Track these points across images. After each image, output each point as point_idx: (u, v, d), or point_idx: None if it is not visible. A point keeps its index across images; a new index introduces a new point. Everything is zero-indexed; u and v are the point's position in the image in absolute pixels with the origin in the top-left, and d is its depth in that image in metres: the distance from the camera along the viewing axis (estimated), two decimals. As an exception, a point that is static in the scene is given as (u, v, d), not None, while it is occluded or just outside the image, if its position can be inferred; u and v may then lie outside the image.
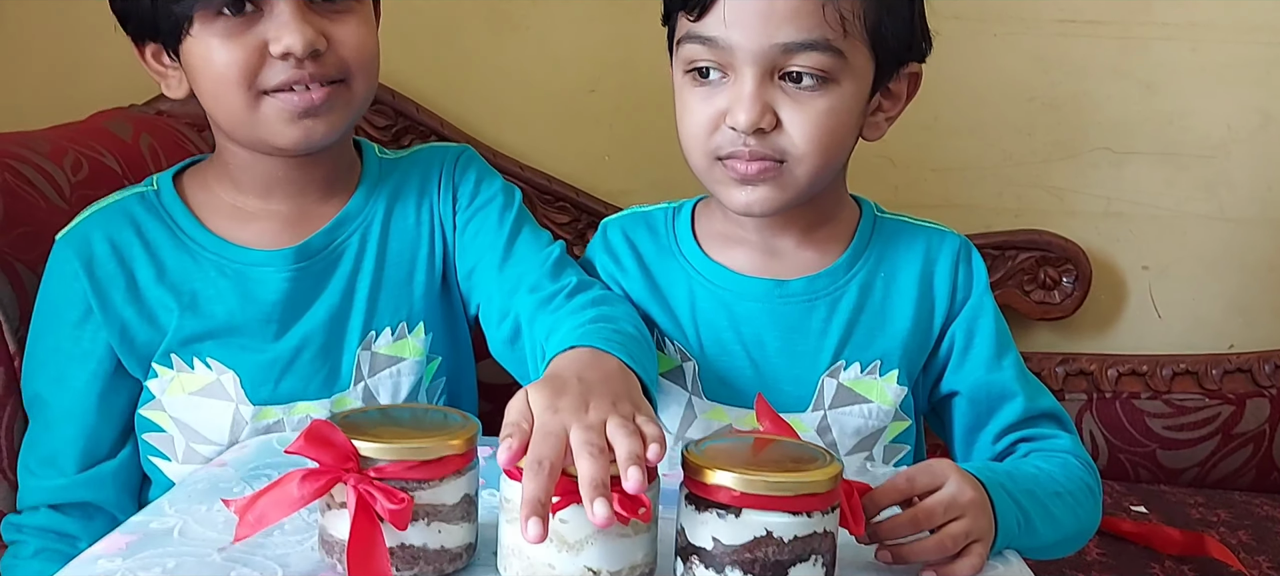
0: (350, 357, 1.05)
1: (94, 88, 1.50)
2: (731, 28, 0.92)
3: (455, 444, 0.74)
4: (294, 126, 0.98)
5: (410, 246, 1.09)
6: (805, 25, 0.92)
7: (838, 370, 1.03)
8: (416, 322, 1.08)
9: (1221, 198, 1.70)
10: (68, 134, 1.29)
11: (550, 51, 1.69)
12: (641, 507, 0.70)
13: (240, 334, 1.03)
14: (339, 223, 1.06)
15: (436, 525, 0.74)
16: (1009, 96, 1.69)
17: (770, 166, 0.95)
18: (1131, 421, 1.69)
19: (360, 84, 1.01)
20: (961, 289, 1.04)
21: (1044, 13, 1.66)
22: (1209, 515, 1.56)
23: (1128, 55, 1.67)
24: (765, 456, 0.75)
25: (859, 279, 1.04)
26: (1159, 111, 1.68)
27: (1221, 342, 1.73)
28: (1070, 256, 1.69)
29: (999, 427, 1.03)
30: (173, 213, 1.05)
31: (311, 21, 0.96)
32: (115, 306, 1.02)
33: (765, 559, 0.70)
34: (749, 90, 0.93)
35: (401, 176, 1.11)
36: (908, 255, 1.05)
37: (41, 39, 1.68)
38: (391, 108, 1.66)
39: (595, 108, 1.71)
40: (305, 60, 0.95)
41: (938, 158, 1.69)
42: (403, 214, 1.09)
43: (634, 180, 1.71)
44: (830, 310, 1.03)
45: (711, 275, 1.05)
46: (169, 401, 1.03)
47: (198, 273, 1.03)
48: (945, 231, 1.07)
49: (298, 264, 1.04)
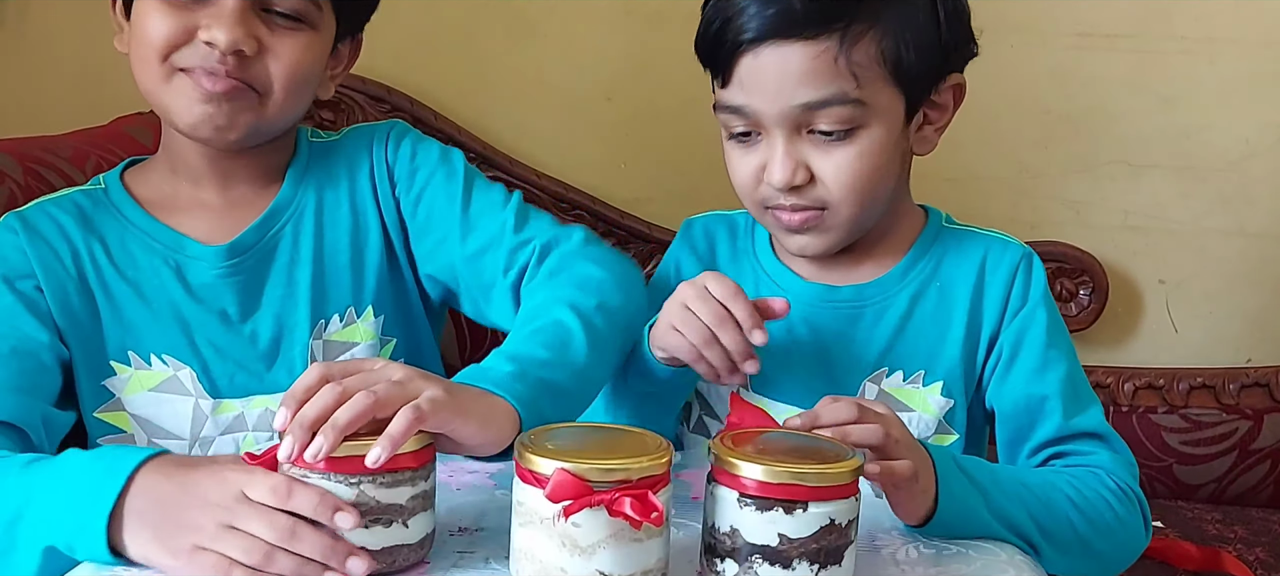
0: (302, 348, 1.05)
1: (116, 93, 1.51)
2: (752, 95, 0.96)
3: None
4: (196, 109, 0.99)
5: (349, 231, 1.08)
6: (820, 83, 0.95)
7: (880, 376, 1.04)
8: (365, 306, 1.08)
9: (1239, 212, 1.69)
10: (89, 138, 1.31)
11: (568, 58, 1.70)
12: (654, 512, 0.70)
13: (189, 327, 1.03)
14: (268, 216, 1.06)
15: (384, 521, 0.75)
16: (1026, 109, 1.69)
17: (813, 215, 1.00)
18: (1148, 436, 1.68)
19: (278, 101, 1.01)
20: (1016, 299, 1.04)
21: (1061, 25, 1.66)
22: (1226, 531, 1.55)
23: (1145, 68, 1.66)
24: (790, 449, 0.77)
25: (912, 288, 1.05)
26: (1177, 125, 1.68)
27: (1239, 357, 1.72)
28: (1087, 269, 1.69)
29: (1035, 443, 1.01)
30: (119, 204, 1.05)
31: (249, 24, 0.97)
32: (59, 279, 1.00)
33: (828, 546, 0.74)
34: (779, 151, 0.97)
35: (331, 161, 1.11)
36: (965, 264, 1.05)
37: (65, 45, 1.70)
38: (409, 114, 1.67)
39: (612, 115, 1.71)
40: (228, 55, 0.96)
41: (954, 169, 1.69)
42: (335, 200, 1.09)
43: (650, 188, 1.71)
44: (878, 317, 1.05)
45: (776, 276, 1.09)
46: (129, 399, 1.02)
47: (142, 260, 1.03)
48: (1009, 241, 1.07)
49: (230, 260, 1.04)
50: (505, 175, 1.69)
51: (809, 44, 0.94)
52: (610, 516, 0.71)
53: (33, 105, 1.69)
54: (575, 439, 0.76)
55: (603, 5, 1.68)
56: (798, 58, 0.94)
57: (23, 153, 1.21)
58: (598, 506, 0.70)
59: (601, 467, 0.71)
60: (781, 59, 0.94)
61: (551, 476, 0.70)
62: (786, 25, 0.94)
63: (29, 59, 1.71)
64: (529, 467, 0.72)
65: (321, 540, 0.73)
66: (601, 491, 0.70)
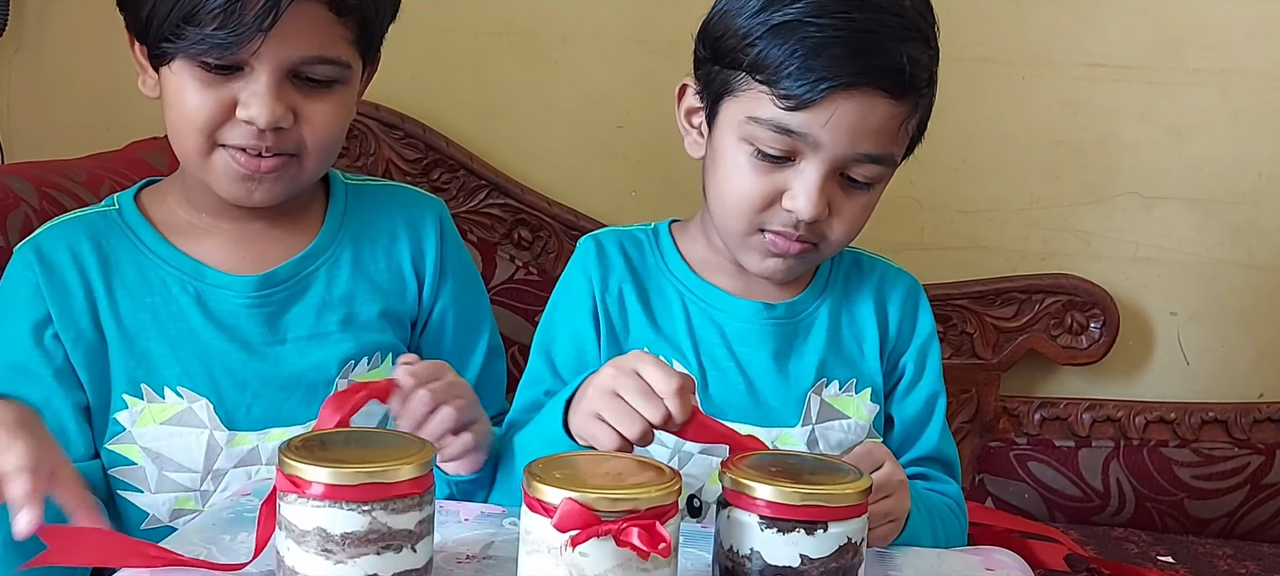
0: (327, 385, 1.04)
1: (131, 118, 1.53)
2: (824, 130, 0.96)
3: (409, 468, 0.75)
4: (237, 185, 1.00)
5: (384, 289, 1.09)
6: (885, 142, 0.98)
7: (821, 387, 1.07)
8: (388, 353, 1.08)
9: (1251, 244, 1.69)
10: (104, 163, 1.32)
11: (580, 87, 1.71)
12: (662, 542, 0.70)
13: (206, 357, 1.02)
14: (306, 256, 1.07)
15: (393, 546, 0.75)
16: (1037, 140, 1.69)
17: (808, 248, 1.02)
18: (1159, 470, 1.67)
19: (313, 162, 1.02)
20: (922, 324, 1.12)
21: (1073, 56, 1.66)
22: (1237, 567, 1.53)
23: (1157, 100, 1.66)
24: (797, 470, 0.79)
25: (828, 303, 1.10)
26: (1188, 157, 1.67)
27: (1251, 391, 1.71)
28: (1098, 301, 1.68)
29: (913, 457, 1.10)
30: (134, 227, 1.05)
31: (285, 97, 0.97)
32: (73, 315, 1.00)
33: (845, 565, 0.76)
34: (815, 186, 0.98)
35: (371, 214, 1.11)
36: (865, 282, 1.12)
37: (81, 70, 1.71)
38: (422, 141, 1.68)
39: (623, 143, 1.72)
40: (266, 131, 0.97)
41: (965, 200, 1.69)
42: (373, 255, 1.10)
43: (660, 216, 1.69)
44: (808, 331, 1.08)
45: (703, 294, 1.08)
46: (140, 432, 1.01)
47: (158, 287, 1.03)
48: (899, 270, 1.14)
49: (261, 291, 1.04)
50: (516, 202, 1.69)
51: (894, 104, 0.97)
52: (618, 546, 0.70)
53: (48, 129, 1.70)
54: (583, 468, 0.76)
55: (615, 34, 1.69)
56: (881, 113, 0.97)
57: (38, 177, 1.22)
58: (605, 536, 0.70)
59: (610, 497, 0.70)
60: (869, 110, 0.96)
61: (559, 505, 0.70)
62: (889, 82, 0.96)
63: (45, 83, 1.72)
64: (537, 496, 0.72)
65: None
66: (609, 521, 0.70)
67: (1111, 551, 1.54)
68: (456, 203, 1.68)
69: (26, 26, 1.71)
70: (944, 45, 1.02)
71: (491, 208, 1.70)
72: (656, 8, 1.67)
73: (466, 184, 1.69)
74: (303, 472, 0.73)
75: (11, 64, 1.72)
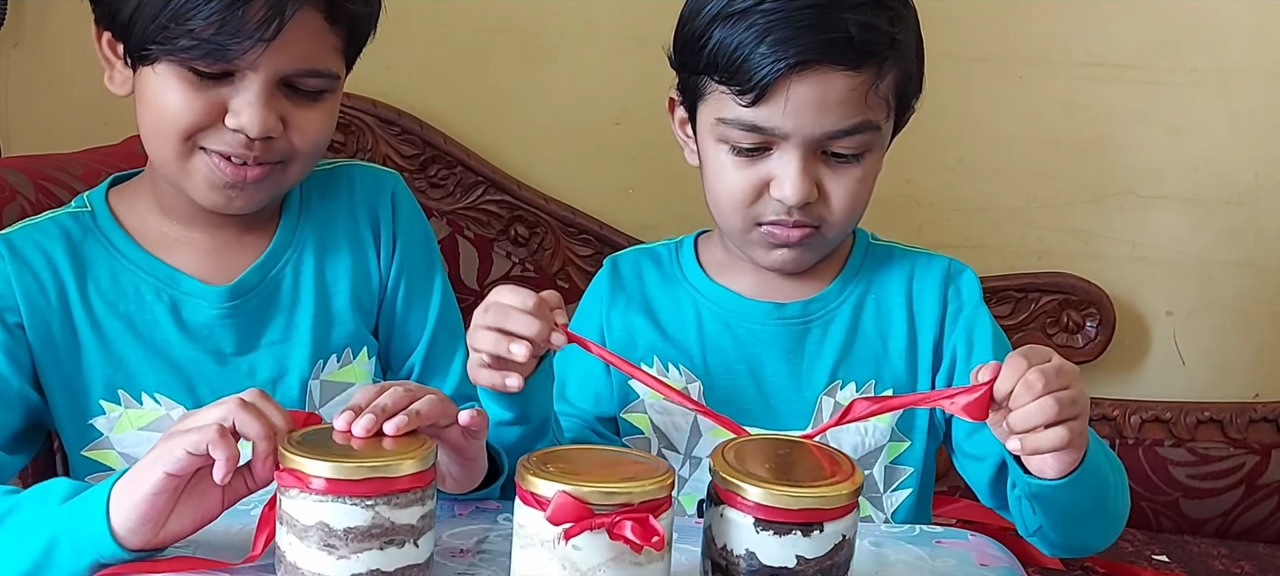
0: (300, 387, 1.04)
1: (129, 113, 1.52)
2: (786, 117, 0.96)
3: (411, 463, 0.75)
4: (217, 193, 0.97)
5: (349, 275, 1.07)
6: (853, 112, 0.97)
7: (835, 389, 1.06)
8: (361, 347, 1.07)
9: (1248, 245, 1.69)
10: (101, 157, 1.32)
11: (578, 84, 1.71)
12: (655, 536, 0.70)
13: (183, 366, 1.00)
14: (269, 256, 1.04)
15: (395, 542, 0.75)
16: (1034, 139, 1.69)
17: (810, 232, 1.01)
18: (1154, 469, 1.67)
19: (296, 169, 1.00)
20: (952, 305, 1.07)
21: (1071, 56, 1.66)
22: (1233, 567, 1.54)
23: (1155, 100, 1.66)
24: (793, 463, 0.79)
25: (851, 302, 1.07)
26: (1186, 157, 1.68)
27: (1247, 391, 1.71)
28: (1094, 300, 1.68)
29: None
30: (107, 232, 1.02)
31: (276, 106, 0.95)
32: (45, 317, 0.98)
33: (838, 563, 0.76)
34: (797, 169, 0.97)
35: (329, 200, 1.09)
36: (895, 278, 1.08)
37: (80, 64, 1.71)
38: (419, 137, 1.68)
39: (621, 141, 1.72)
40: (256, 141, 0.94)
41: (962, 198, 1.69)
42: (335, 242, 1.08)
43: (657, 214, 1.71)
44: (825, 331, 1.06)
45: (715, 298, 1.08)
46: (119, 438, 1.00)
47: (133, 293, 1.00)
48: (934, 255, 1.10)
49: (232, 301, 1.02)
50: (513, 198, 1.69)
51: (852, 75, 0.96)
52: (611, 539, 0.70)
53: (46, 122, 1.70)
54: (577, 461, 0.76)
55: (613, 32, 1.69)
56: (840, 86, 0.96)
57: (35, 170, 1.22)
58: (599, 529, 0.70)
59: (603, 490, 0.71)
60: (825, 86, 0.95)
61: (553, 499, 0.70)
62: (838, 53, 0.95)
63: (43, 77, 1.72)
64: (530, 490, 0.72)
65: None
66: (602, 514, 0.70)
67: (1107, 550, 1.53)
68: (454, 198, 1.68)
69: (25, 21, 1.71)
70: (943, 45, 1.03)
71: (488, 204, 1.70)
72: (655, 6, 1.65)
73: (464, 180, 1.70)
74: (305, 467, 0.73)
75: (9, 58, 1.72)
